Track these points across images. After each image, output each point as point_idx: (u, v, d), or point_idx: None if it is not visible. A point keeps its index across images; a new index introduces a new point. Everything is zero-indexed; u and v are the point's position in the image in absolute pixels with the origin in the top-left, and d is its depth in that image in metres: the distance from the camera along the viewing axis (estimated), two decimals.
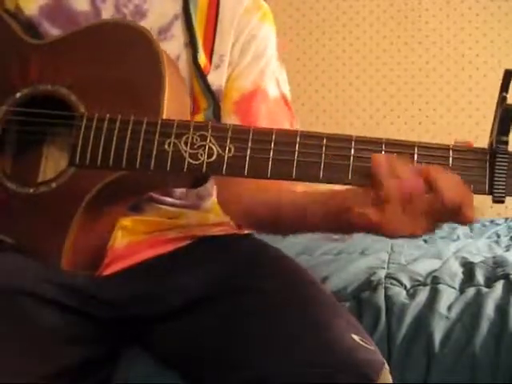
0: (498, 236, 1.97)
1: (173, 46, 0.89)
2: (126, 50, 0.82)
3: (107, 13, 0.90)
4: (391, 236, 0.68)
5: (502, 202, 0.66)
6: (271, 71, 0.96)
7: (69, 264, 0.79)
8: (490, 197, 0.67)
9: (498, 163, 0.66)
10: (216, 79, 0.92)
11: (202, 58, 0.90)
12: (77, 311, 0.78)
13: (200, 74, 0.89)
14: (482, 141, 0.70)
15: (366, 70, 3.04)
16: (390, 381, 0.74)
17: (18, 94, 0.83)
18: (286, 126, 0.95)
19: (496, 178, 0.66)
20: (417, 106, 2.98)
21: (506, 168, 0.66)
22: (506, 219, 2.28)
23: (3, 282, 0.75)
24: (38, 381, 0.70)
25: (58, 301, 0.77)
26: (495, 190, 0.66)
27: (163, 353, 0.84)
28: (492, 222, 2.25)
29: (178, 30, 0.90)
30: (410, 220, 0.65)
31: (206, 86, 0.90)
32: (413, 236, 0.67)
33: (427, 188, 0.64)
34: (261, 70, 0.95)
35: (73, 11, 0.89)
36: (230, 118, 0.92)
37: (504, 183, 0.66)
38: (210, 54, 0.91)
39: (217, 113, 0.91)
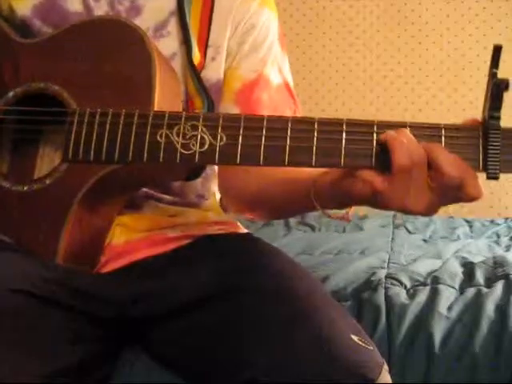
0: (498, 236, 1.97)
1: (169, 44, 0.89)
2: (116, 45, 0.82)
3: (101, 11, 0.89)
4: (390, 206, 0.68)
5: (497, 178, 0.66)
6: (273, 58, 0.96)
7: (65, 259, 0.79)
8: (490, 195, 0.66)
9: (490, 139, 0.66)
10: (213, 72, 0.92)
11: (196, 56, 0.90)
12: (76, 310, 0.78)
13: (194, 72, 0.89)
14: None
15: (366, 70, 3.04)
16: (389, 381, 0.74)
17: (11, 93, 0.84)
18: (288, 114, 0.94)
19: (489, 155, 0.66)
20: (417, 106, 2.97)
21: (498, 144, 0.65)
22: (506, 219, 2.28)
23: (2, 281, 0.75)
24: (37, 380, 0.70)
25: (57, 300, 0.77)
26: (489, 167, 0.66)
27: (163, 352, 0.84)
28: (492, 222, 2.25)
29: (174, 27, 0.90)
30: (414, 193, 0.66)
31: (201, 85, 0.89)
32: (414, 212, 0.68)
33: (428, 164, 0.65)
34: (262, 57, 0.94)
35: (65, 11, 0.89)
36: (232, 109, 0.92)
37: (498, 159, 0.65)
38: (204, 48, 0.91)
39: (211, 111, 0.90)
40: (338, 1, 3.08)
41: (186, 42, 0.89)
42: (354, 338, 0.73)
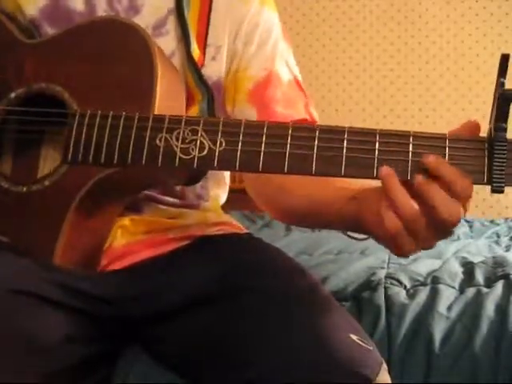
0: (498, 236, 1.97)
1: (168, 42, 0.89)
2: (118, 46, 0.81)
3: (100, 8, 0.89)
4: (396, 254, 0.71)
5: (502, 191, 0.63)
6: (280, 54, 0.96)
7: (62, 262, 0.78)
8: (490, 195, 0.65)
9: (496, 151, 0.63)
10: (214, 71, 0.92)
11: (196, 51, 0.90)
12: (76, 310, 0.78)
13: (194, 66, 0.89)
14: None
15: (366, 70, 3.04)
16: (389, 381, 0.74)
17: (13, 94, 0.83)
18: (301, 108, 0.95)
19: (495, 167, 0.63)
20: (417, 106, 2.98)
21: (504, 156, 0.63)
22: (506, 219, 2.28)
23: (2, 281, 0.75)
24: (37, 380, 0.70)
25: (57, 300, 0.77)
26: (494, 180, 0.63)
27: (163, 353, 0.84)
28: (492, 222, 2.25)
29: (173, 24, 0.90)
30: (414, 240, 0.68)
31: (200, 78, 0.89)
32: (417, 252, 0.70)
33: (423, 207, 0.65)
34: (269, 55, 0.95)
35: (70, 11, 0.89)
36: (246, 108, 0.92)
37: (503, 172, 0.63)
38: (203, 47, 0.91)
39: (211, 105, 0.90)
40: (338, 1, 3.09)
41: (184, 38, 0.89)
42: (353, 337, 0.73)
